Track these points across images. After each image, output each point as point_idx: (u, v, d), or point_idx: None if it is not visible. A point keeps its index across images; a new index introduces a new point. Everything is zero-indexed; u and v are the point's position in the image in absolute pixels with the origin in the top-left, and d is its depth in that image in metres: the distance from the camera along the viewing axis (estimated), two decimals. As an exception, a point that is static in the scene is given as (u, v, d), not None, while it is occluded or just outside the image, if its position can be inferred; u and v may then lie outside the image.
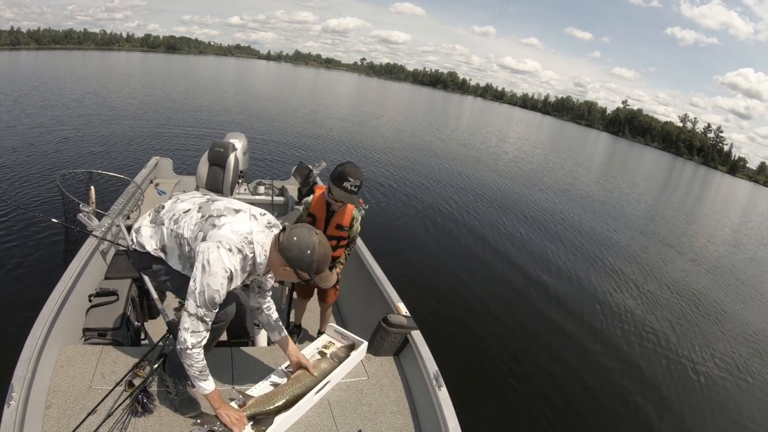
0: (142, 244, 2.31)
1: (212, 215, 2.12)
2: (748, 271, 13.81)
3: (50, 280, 3.02)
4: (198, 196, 2.35)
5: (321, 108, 33.15)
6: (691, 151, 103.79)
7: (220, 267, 1.98)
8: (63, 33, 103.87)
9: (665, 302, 8.88)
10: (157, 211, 2.36)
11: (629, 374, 5.93)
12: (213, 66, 76.81)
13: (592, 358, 6.08)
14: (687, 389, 5.93)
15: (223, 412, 2.22)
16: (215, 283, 1.98)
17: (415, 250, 8.48)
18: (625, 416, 5.08)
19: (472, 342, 5.78)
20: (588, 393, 5.28)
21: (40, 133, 12.38)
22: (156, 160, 6.63)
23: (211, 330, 2.16)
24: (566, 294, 7.99)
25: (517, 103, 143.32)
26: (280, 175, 9.55)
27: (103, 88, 24.92)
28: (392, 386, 2.87)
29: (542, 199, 15.51)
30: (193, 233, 2.12)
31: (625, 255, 11.53)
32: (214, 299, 2.00)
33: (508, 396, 4.91)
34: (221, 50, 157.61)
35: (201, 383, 2.15)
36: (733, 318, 9.17)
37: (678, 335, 7.44)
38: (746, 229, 22.76)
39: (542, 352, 5.96)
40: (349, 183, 3.00)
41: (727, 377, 6.50)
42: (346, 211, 3.28)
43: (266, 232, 2.14)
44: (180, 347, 2.06)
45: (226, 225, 2.06)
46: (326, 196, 3.22)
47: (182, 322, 2.05)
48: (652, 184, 32.23)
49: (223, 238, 2.01)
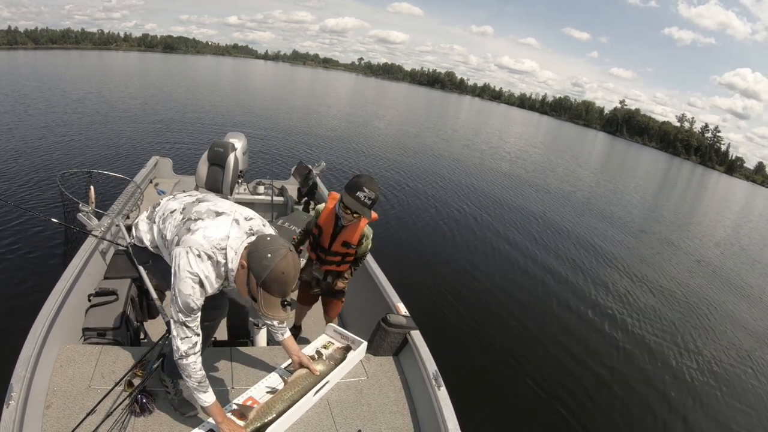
0: (141, 238, 2.32)
1: (191, 218, 2.08)
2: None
3: (50, 279, 3.02)
4: (189, 196, 2.33)
5: (321, 108, 33.14)
6: (689, 150, 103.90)
7: (187, 273, 1.95)
8: (60, 32, 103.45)
9: (667, 303, 8.89)
10: (154, 207, 2.37)
11: (629, 374, 5.95)
12: (211, 66, 76.66)
13: (592, 358, 6.09)
14: (687, 390, 5.93)
15: (225, 427, 2.18)
16: (186, 288, 1.95)
17: (414, 250, 8.49)
18: (625, 416, 5.09)
19: (472, 342, 5.79)
20: (587, 392, 5.30)
21: (39, 132, 12.38)
22: (156, 159, 6.62)
23: (203, 328, 2.14)
24: (566, 294, 8.01)
25: (515, 103, 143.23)
26: (279, 175, 9.56)
27: (103, 88, 24.89)
28: (392, 386, 2.87)
29: (541, 198, 15.55)
30: (171, 235, 2.11)
31: (627, 255, 11.57)
32: (188, 304, 1.97)
33: (507, 396, 4.92)
34: (219, 50, 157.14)
35: (201, 395, 2.11)
36: (738, 315, 9.22)
37: (684, 336, 7.47)
38: (747, 229, 22.84)
39: (542, 351, 5.97)
40: (363, 194, 2.83)
41: (727, 375, 6.52)
42: (357, 228, 3.08)
43: (244, 239, 2.06)
44: (175, 357, 2.05)
45: (199, 230, 2.01)
46: (337, 209, 3.03)
47: (171, 330, 2.04)
48: (651, 184, 32.26)
49: (193, 244, 1.98)
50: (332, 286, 3.37)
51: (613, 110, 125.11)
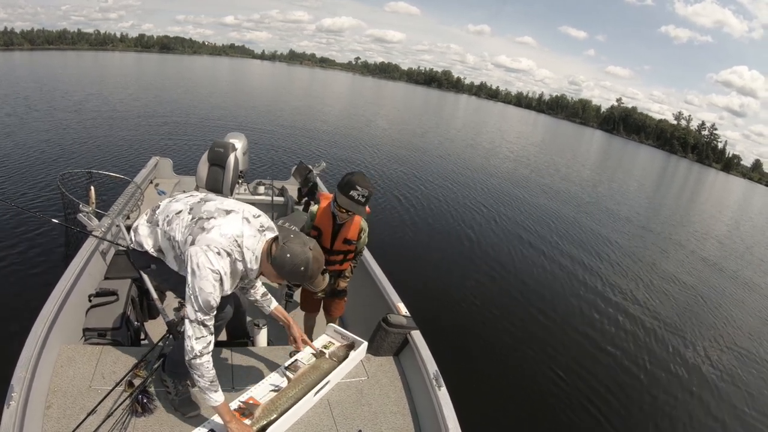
0: (141, 243, 2.32)
1: (202, 217, 2.10)
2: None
3: (50, 280, 3.02)
4: (192, 197, 2.34)
5: (321, 108, 33.07)
6: (686, 148, 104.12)
7: (209, 270, 1.97)
8: (57, 33, 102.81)
9: (669, 304, 8.90)
10: (153, 210, 2.36)
11: (629, 373, 5.95)
12: (208, 66, 76.39)
13: (593, 358, 6.10)
14: (688, 391, 5.93)
15: (233, 426, 2.18)
16: (207, 286, 1.97)
17: (415, 250, 8.49)
18: (625, 415, 5.09)
19: (472, 342, 5.78)
20: (587, 392, 5.30)
21: (40, 133, 12.34)
22: (156, 160, 6.62)
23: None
24: (567, 293, 8.03)
25: (512, 102, 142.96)
26: (280, 175, 9.54)
27: (104, 89, 24.77)
28: (392, 386, 2.88)
29: (541, 198, 15.55)
30: (183, 236, 2.12)
31: (627, 255, 11.59)
32: (209, 302, 2.00)
33: (508, 396, 4.92)
34: (215, 50, 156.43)
35: (212, 395, 2.11)
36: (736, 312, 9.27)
37: (687, 334, 7.50)
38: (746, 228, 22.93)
39: (542, 351, 5.97)
40: (357, 192, 2.84)
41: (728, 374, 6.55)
42: (353, 224, 3.12)
43: (258, 237, 2.12)
44: (188, 357, 2.04)
45: (215, 228, 2.04)
46: (332, 208, 3.05)
47: (185, 330, 2.04)
48: (649, 181, 32.28)
49: (210, 242, 2.00)
50: (335, 287, 3.38)
51: (609, 108, 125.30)
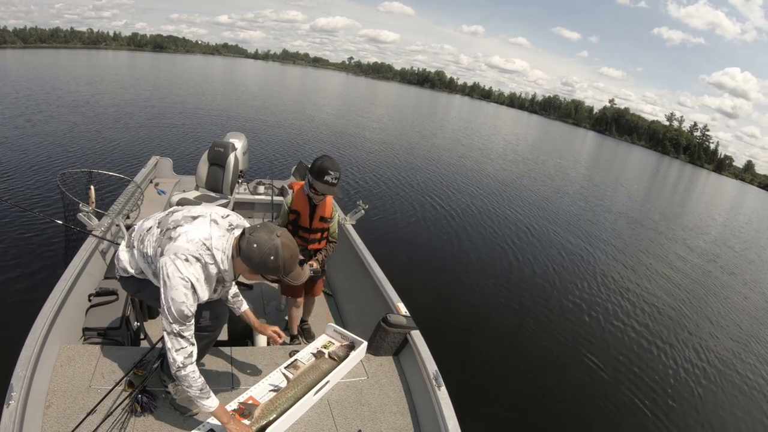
0: (124, 268, 2.31)
1: (169, 228, 2.07)
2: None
3: (50, 279, 3.01)
4: (161, 212, 2.32)
5: (321, 108, 33.07)
6: (678, 149, 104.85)
7: (179, 279, 1.94)
8: (50, 32, 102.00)
9: (670, 304, 8.95)
10: (130, 234, 2.36)
11: (628, 373, 5.97)
12: (201, 65, 76.04)
13: (593, 358, 6.12)
14: (688, 393, 5.95)
15: (232, 427, 2.18)
16: (178, 296, 1.94)
17: (414, 250, 8.51)
18: (625, 415, 5.12)
19: (472, 342, 5.80)
20: (587, 392, 5.34)
21: (39, 132, 12.26)
22: (156, 159, 6.61)
23: (202, 338, 2.16)
24: (567, 294, 8.06)
25: (504, 102, 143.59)
26: (280, 174, 9.54)
27: (103, 89, 24.64)
28: (392, 386, 2.89)
29: (540, 198, 15.66)
30: (154, 250, 2.10)
31: (627, 254, 11.68)
32: (182, 312, 1.96)
33: (507, 396, 4.93)
34: (208, 49, 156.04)
35: (204, 402, 2.10)
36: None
37: (679, 338, 7.52)
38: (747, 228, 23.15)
39: (542, 351, 6.00)
40: (330, 176, 3.12)
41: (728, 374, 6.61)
42: (327, 203, 3.43)
43: (227, 236, 2.08)
44: (173, 370, 2.03)
45: (181, 236, 2.01)
46: (306, 191, 3.32)
47: (165, 343, 2.03)
48: (643, 181, 32.48)
49: (178, 250, 1.97)
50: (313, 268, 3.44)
51: (602, 109, 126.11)
